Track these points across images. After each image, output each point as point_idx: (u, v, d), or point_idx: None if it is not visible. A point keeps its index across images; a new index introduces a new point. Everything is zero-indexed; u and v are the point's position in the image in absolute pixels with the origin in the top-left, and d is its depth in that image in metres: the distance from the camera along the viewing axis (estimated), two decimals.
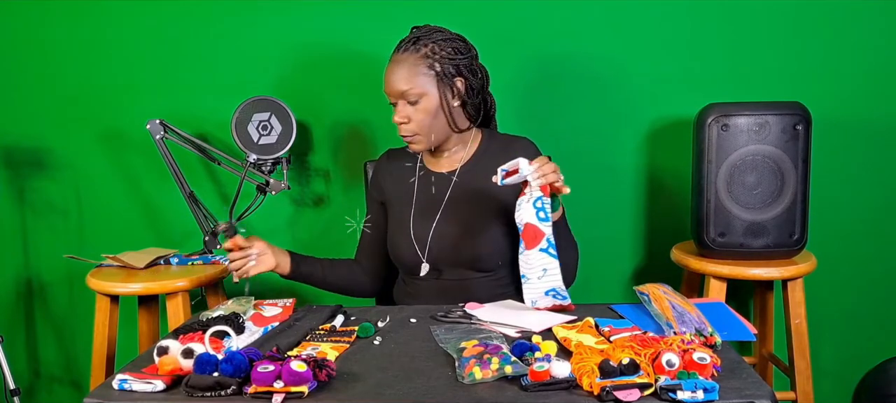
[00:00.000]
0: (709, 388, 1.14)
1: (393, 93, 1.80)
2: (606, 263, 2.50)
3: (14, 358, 2.62)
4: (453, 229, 1.85)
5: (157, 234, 2.58)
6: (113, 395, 1.24)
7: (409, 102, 1.79)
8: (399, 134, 1.83)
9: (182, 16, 2.46)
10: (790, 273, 2.10)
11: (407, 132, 1.81)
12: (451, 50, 1.80)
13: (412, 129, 1.81)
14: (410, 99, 1.78)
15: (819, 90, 2.33)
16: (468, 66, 1.82)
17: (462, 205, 1.86)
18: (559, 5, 2.38)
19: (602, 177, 2.46)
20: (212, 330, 1.38)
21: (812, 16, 2.33)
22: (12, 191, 2.61)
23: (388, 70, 1.80)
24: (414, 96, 1.77)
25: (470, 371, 1.23)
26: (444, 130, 1.83)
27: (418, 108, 1.79)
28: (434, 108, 1.79)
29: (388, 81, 1.80)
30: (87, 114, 2.54)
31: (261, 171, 2.29)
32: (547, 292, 1.62)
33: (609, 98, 2.42)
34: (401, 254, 1.90)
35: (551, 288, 1.61)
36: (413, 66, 1.77)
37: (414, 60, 1.77)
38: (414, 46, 1.78)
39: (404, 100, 1.79)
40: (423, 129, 1.80)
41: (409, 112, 1.79)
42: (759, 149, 2.06)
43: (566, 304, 1.62)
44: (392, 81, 1.79)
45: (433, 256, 1.86)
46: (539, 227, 1.59)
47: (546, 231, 1.60)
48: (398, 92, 1.78)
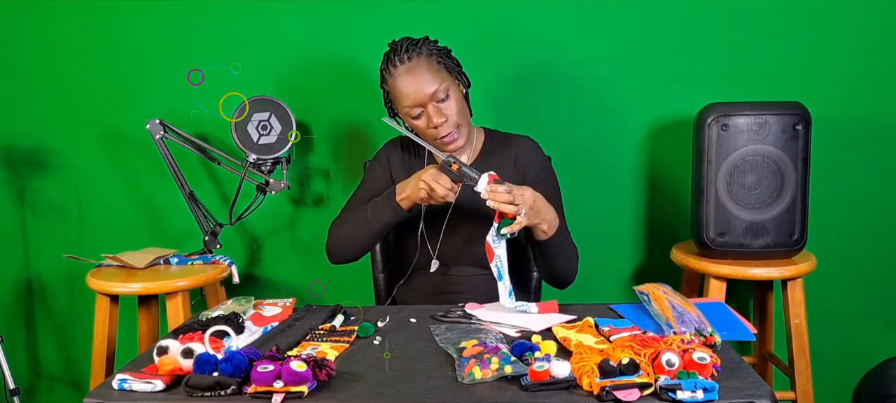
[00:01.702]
0: (709, 388, 1.14)
1: (421, 99, 1.77)
2: (606, 263, 2.50)
3: (14, 358, 2.62)
4: (462, 227, 1.86)
5: (157, 234, 2.58)
6: (113, 395, 1.23)
7: (439, 101, 1.78)
8: (439, 138, 1.80)
9: (182, 16, 2.46)
10: (790, 273, 2.10)
11: (451, 127, 1.79)
12: (438, 50, 1.84)
13: (455, 121, 1.80)
14: (440, 96, 1.78)
15: (819, 90, 2.33)
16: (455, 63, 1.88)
17: (470, 203, 1.86)
18: (559, 6, 2.38)
19: (602, 177, 2.46)
20: (212, 329, 1.38)
21: (812, 16, 2.33)
22: (12, 191, 2.61)
23: (406, 82, 1.77)
24: (443, 92, 1.78)
25: (470, 371, 1.23)
26: (469, 120, 1.86)
27: (450, 103, 1.79)
28: (461, 98, 1.83)
29: (412, 91, 1.77)
30: (87, 114, 2.54)
31: (261, 171, 2.29)
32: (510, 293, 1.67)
33: (609, 98, 2.42)
34: (411, 251, 1.91)
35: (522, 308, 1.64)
36: (429, 66, 1.78)
37: (426, 62, 1.79)
38: (416, 51, 1.79)
39: (434, 101, 1.78)
40: (462, 120, 1.81)
41: (443, 109, 1.79)
42: (759, 149, 2.06)
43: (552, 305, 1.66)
44: (419, 87, 1.77)
45: (442, 253, 1.88)
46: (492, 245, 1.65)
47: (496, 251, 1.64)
48: (427, 94, 1.77)
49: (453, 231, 1.88)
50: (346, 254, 1.90)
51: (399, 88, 1.79)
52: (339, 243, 1.89)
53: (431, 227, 1.90)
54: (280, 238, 2.56)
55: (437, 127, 1.78)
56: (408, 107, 1.79)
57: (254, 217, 2.42)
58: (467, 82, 1.90)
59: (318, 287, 2.46)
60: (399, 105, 1.82)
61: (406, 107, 1.79)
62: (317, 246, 2.49)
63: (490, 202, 1.59)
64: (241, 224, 2.47)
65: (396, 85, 1.79)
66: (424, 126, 1.80)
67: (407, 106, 1.79)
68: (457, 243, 1.88)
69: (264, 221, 2.54)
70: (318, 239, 2.53)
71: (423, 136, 1.83)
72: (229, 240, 2.50)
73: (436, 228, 1.89)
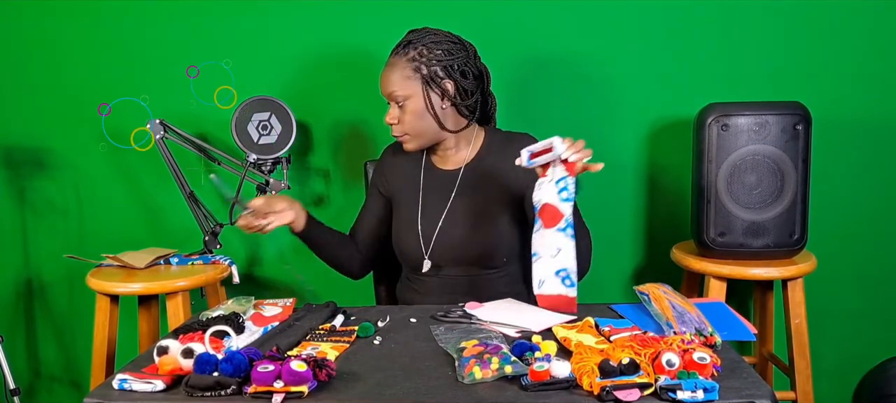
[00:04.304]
0: (709, 388, 1.14)
1: (385, 95, 1.86)
2: (606, 263, 2.50)
3: (14, 358, 2.62)
4: (459, 226, 1.86)
5: (157, 234, 2.58)
6: (113, 395, 1.23)
7: (397, 104, 1.83)
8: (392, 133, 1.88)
9: (183, 16, 2.46)
10: (790, 273, 2.10)
11: (396, 132, 1.87)
12: (441, 52, 1.82)
13: (401, 130, 1.86)
14: (398, 101, 1.83)
15: (819, 90, 2.33)
16: (459, 68, 1.83)
17: (468, 203, 1.87)
18: (559, 5, 2.38)
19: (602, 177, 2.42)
20: (212, 329, 1.38)
21: (812, 16, 2.33)
22: (12, 191, 2.61)
23: (382, 72, 1.85)
24: (400, 98, 1.82)
25: (470, 371, 1.23)
26: (433, 131, 1.86)
27: (405, 110, 1.83)
28: (420, 110, 1.82)
29: (382, 83, 1.86)
30: (88, 114, 2.54)
31: (261, 171, 2.29)
32: (557, 272, 1.59)
33: (609, 98, 2.42)
34: (407, 251, 1.91)
35: (563, 268, 1.58)
36: (401, 69, 1.82)
37: (402, 64, 1.82)
38: (404, 50, 1.83)
39: (394, 102, 1.84)
40: (411, 130, 1.85)
41: (397, 113, 1.84)
42: (759, 149, 2.06)
43: (570, 296, 1.58)
44: (383, 83, 1.85)
45: (439, 253, 1.87)
46: (559, 208, 1.58)
47: (566, 212, 1.58)
48: (387, 93, 1.84)
49: (449, 231, 1.88)
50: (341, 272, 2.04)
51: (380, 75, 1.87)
52: None
53: (429, 228, 1.90)
54: (280, 238, 2.56)
55: (389, 124, 1.86)
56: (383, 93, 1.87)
57: None
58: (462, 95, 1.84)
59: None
60: None
61: None
62: None
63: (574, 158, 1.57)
64: None
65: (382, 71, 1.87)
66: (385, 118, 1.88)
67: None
68: (452, 243, 1.87)
69: None
70: None
71: None
72: (229, 240, 2.50)
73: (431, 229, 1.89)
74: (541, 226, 1.60)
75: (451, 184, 1.90)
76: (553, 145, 1.57)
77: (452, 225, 1.87)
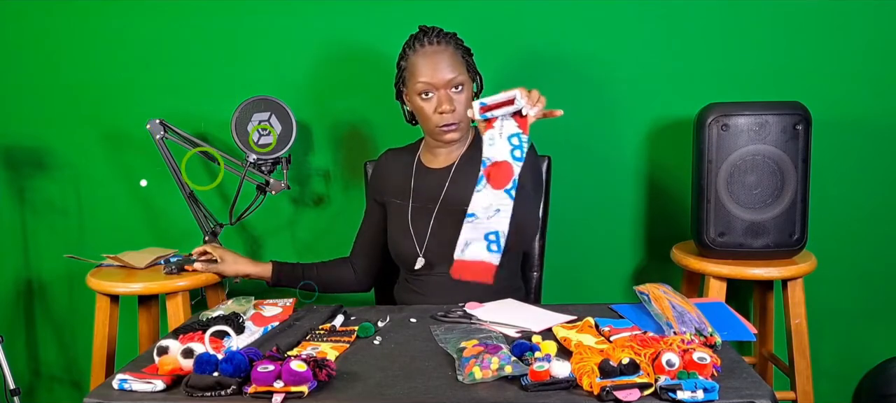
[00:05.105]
0: (709, 388, 1.15)
1: (437, 82, 1.80)
2: (606, 263, 2.50)
3: (14, 358, 2.62)
4: (452, 223, 1.85)
5: (157, 234, 2.58)
6: (113, 395, 1.24)
7: (454, 90, 1.81)
8: (440, 125, 1.82)
9: (182, 16, 2.46)
10: (790, 273, 2.10)
11: (454, 119, 1.82)
12: (464, 48, 1.87)
13: (459, 116, 1.82)
14: (456, 85, 1.81)
15: (819, 90, 2.33)
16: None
17: (460, 200, 1.86)
18: (559, 5, 2.38)
19: (602, 177, 2.46)
20: (212, 329, 1.39)
21: (812, 16, 2.33)
22: (12, 190, 2.61)
23: (429, 61, 1.80)
24: (459, 83, 1.81)
25: (470, 371, 1.23)
26: (469, 123, 1.89)
27: (460, 97, 1.82)
28: (469, 99, 1.84)
29: (431, 71, 1.80)
30: (87, 114, 2.54)
31: (261, 171, 2.29)
32: (487, 235, 1.48)
33: (609, 98, 2.42)
34: (401, 251, 1.91)
35: (495, 231, 1.48)
36: (454, 55, 1.82)
37: (452, 51, 1.83)
38: (445, 40, 1.83)
39: (447, 89, 1.81)
40: (462, 118, 1.84)
41: (455, 99, 1.82)
42: (759, 149, 2.06)
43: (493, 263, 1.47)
44: (440, 69, 1.80)
45: (433, 251, 1.87)
46: (512, 165, 1.50)
47: (516, 170, 1.50)
48: (446, 80, 1.80)
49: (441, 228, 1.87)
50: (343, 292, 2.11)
51: (419, 66, 1.81)
52: None
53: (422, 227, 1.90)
54: (280, 238, 2.56)
55: (444, 113, 1.81)
56: (423, 83, 1.80)
57: (254, 217, 2.42)
58: (480, 87, 1.93)
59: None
60: (412, 81, 1.83)
61: (421, 84, 1.81)
62: (317, 246, 2.49)
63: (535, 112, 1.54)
64: (241, 224, 2.47)
65: (417, 62, 1.82)
66: (431, 109, 1.82)
67: (422, 82, 1.80)
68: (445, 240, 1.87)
69: (264, 221, 2.53)
70: (317, 239, 2.53)
71: (424, 120, 1.86)
72: (229, 240, 2.50)
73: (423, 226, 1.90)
74: (486, 185, 1.51)
75: (442, 180, 1.91)
76: (515, 97, 1.52)
77: (444, 221, 1.87)
